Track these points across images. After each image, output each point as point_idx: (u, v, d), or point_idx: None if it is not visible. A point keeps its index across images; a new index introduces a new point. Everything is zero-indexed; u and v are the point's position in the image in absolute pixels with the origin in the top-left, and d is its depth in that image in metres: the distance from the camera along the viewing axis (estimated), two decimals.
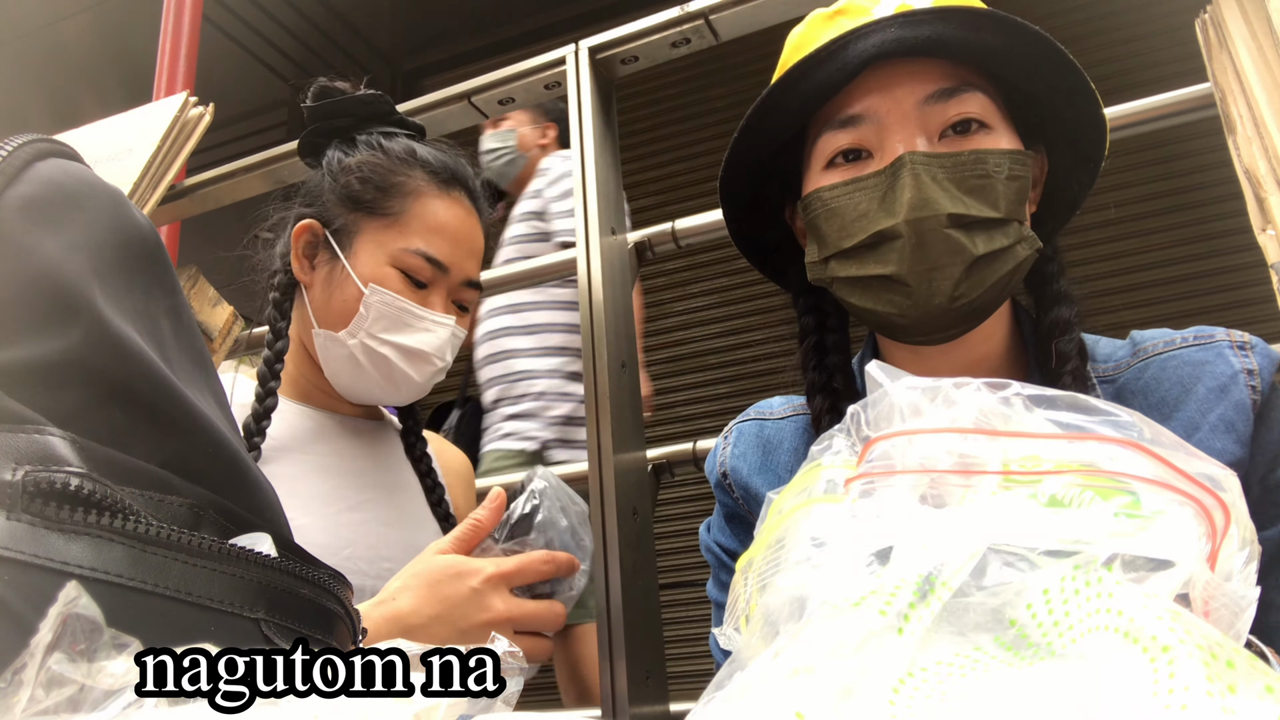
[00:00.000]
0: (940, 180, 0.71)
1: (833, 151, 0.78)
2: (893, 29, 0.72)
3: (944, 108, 0.74)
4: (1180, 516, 0.39)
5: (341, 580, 0.50)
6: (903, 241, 0.71)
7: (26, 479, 0.36)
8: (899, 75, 0.74)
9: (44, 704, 0.29)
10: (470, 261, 1.11)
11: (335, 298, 1.05)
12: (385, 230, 1.06)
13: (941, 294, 0.72)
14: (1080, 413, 0.44)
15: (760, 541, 0.50)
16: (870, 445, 0.47)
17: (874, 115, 0.75)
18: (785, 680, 0.35)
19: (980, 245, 0.72)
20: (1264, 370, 0.75)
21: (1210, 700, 0.29)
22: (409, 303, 1.04)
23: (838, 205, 0.76)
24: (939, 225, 0.70)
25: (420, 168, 1.09)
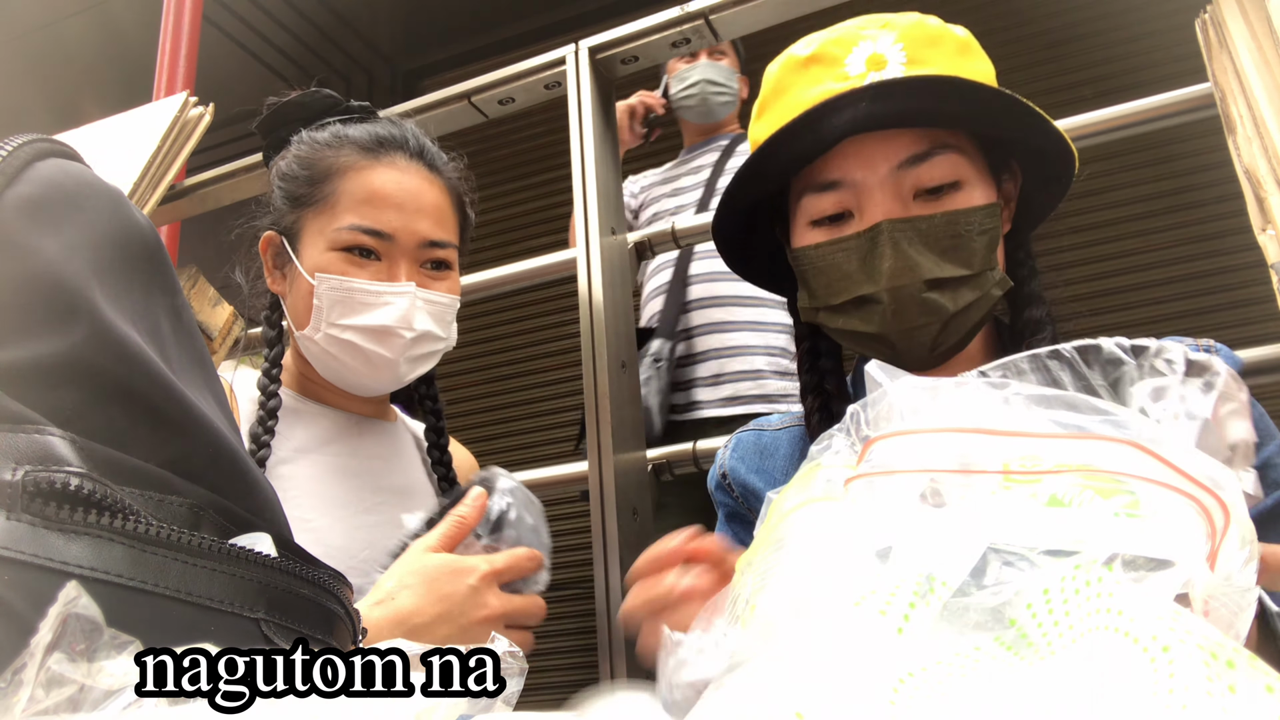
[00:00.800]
0: (916, 245, 0.77)
1: (816, 214, 0.83)
2: (864, 103, 0.76)
3: (917, 172, 0.79)
4: (1180, 516, 0.39)
5: (341, 580, 0.50)
6: (884, 307, 0.77)
7: (27, 479, 0.36)
8: (873, 143, 0.79)
9: (44, 704, 0.29)
10: (422, 220, 1.05)
11: (297, 298, 1.05)
12: (321, 217, 1.04)
13: (922, 348, 0.79)
14: (1080, 412, 0.44)
15: (760, 541, 0.50)
16: (870, 445, 0.47)
17: (851, 181, 0.80)
18: (785, 680, 0.35)
19: (956, 302, 0.78)
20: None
21: (1210, 700, 0.29)
22: (356, 280, 1.01)
23: (823, 264, 0.82)
24: (917, 291, 0.76)
25: (346, 146, 1.06)
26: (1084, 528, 0.39)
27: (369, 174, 1.04)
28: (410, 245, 1.04)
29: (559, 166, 1.24)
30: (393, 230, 1.02)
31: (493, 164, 3.70)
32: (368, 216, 1.02)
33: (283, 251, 1.07)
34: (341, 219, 1.02)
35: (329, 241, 1.02)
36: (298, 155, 1.07)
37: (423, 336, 1.04)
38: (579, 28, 2.37)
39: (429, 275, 1.07)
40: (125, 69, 3.41)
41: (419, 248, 1.05)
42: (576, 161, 1.37)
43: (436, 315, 1.06)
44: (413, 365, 1.07)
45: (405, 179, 1.05)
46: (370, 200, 1.03)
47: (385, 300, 1.01)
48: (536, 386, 3.57)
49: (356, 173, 1.04)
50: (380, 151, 1.06)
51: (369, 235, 1.01)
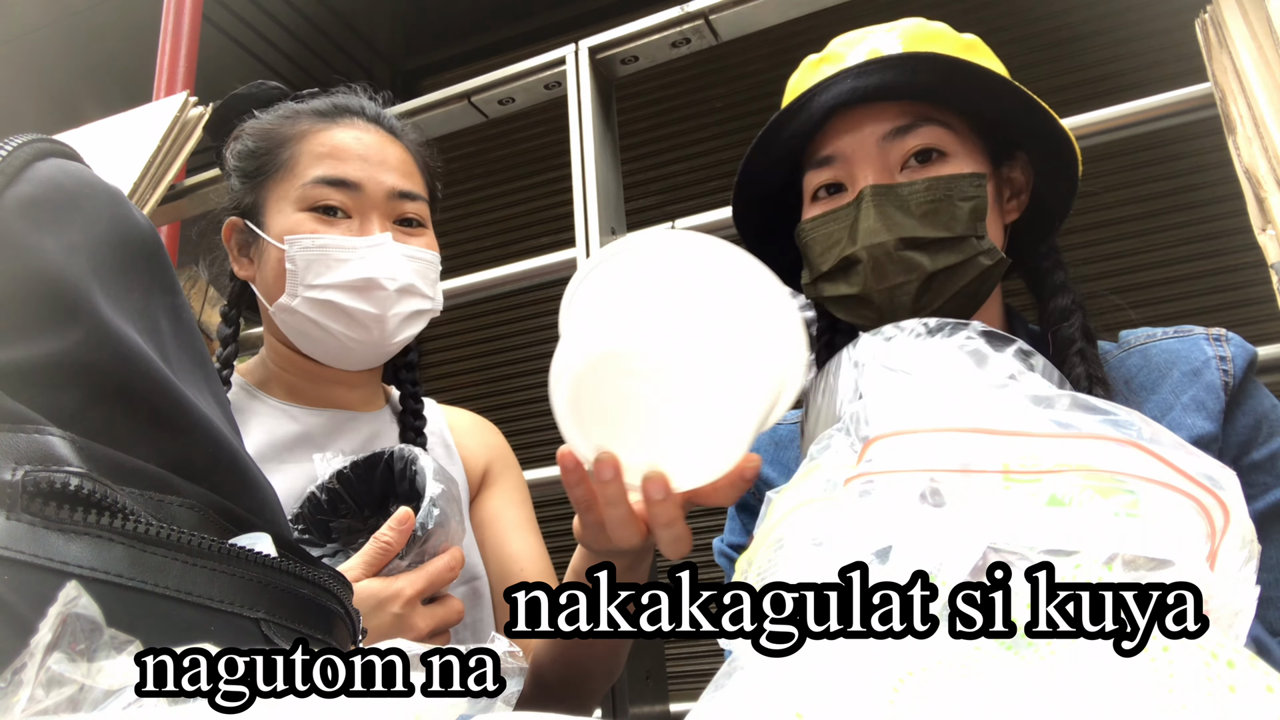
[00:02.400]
0: (897, 208, 0.81)
1: (815, 187, 0.88)
2: (848, 81, 0.83)
3: (901, 143, 0.84)
4: (1180, 516, 0.39)
5: (341, 580, 0.50)
6: (863, 265, 0.81)
7: (26, 479, 0.36)
8: (861, 118, 0.85)
9: (44, 703, 0.29)
10: (388, 173, 1.00)
11: (267, 271, 0.99)
12: (283, 182, 0.99)
13: (903, 308, 0.81)
14: (1080, 412, 0.44)
15: (760, 541, 0.50)
16: (869, 445, 0.47)
17: (842, 154, 0.86)
18: (785, 680, 0.35)
19: (935, 262, 0.81)
20: (1237, 358, 0.82)
21: (1210, 700, 0.29)
22: (328, 236, 0.96)
23: (818, 234, 0.87)
24: (891, 249, 0.80)
25: (302, 116, 1.03)
26: (1084, 528, 0.39)
27: (328, 133, 1.00)
28: (379, 196, 0.99)
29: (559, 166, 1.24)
30: (358, 179, 0.98)
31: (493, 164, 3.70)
32: (330, 168, 0.97)
33: (245, 231, 1.03)
34: (303, 176, 0.97)
35: (294, 202, 0.97)
36: (251, 132, 1.03)
37: (407, 290, 0.99)
38: (579, 28, 2.37)
39: (403, 231, 1.01)
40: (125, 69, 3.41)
41: (389, 199, 1.00)
42: (576, 161, 1.37)
43: (418, 271, 1.01)
44: (400, 325, 1.00)
45: (364, 136, 1.02)
46: (332, 153, 0.99)
47: (361, 254, 0.96)
48: (537, 386, 3.57)
49: (315, 134, 1.00)
50: (337, 115, 1.03)
51: (334, 186, 0.97)
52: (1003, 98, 0.84)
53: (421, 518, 0.83)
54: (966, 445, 0.43)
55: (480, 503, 1.15)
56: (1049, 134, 0.87)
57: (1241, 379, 0.81)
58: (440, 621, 0.85)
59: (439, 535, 0.85)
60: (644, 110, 3.74)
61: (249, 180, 1.02)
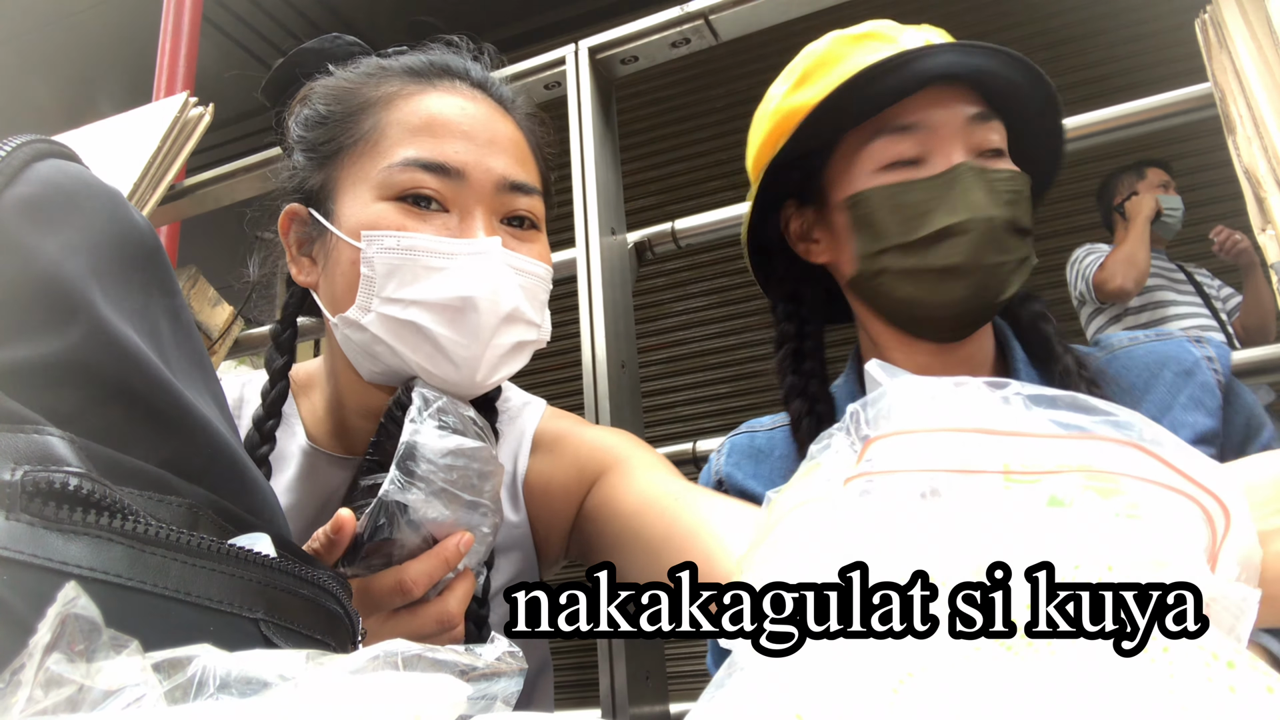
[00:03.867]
0: (993, 188, 0.81)
1: (892, 156, 0.85)
2: (953, 54, 0.82)
3: (983, 129, 0.84)
4: (1181, 517, 0.38)
5: (340, 581, 0.50)
6: (969, 238, 0.80)
7: (26, 479, 0.36)
8: (948, 95, 0.84)
9: (42, 704, 0.28)
10: (498, 155, 0.78)
11: (336, 275, 0.77)
12: (362, 159, 0.77)
13: (992, 289, 0.81)
14: (1080, 413, 0.44)
15: (758, 540, 0.50)
16: (869, 444, 0.47)
17: (929, 125, 0.84)
18: (784, 681, 0.35)
19: (1020, 250, 0.82)
20: (1222, 358, 0.84)
21: (1210, 701, 0.29)
22: (420, 236, 0.73)
23: (898, 202, 0.83)
24: (999, 225, 0.80)
25: (390, 75, 0.81)
26: (1084, 528, 0.38)
27: (423, 99, 0.78)
28: (487, 186, 0.77)
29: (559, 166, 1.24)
30: (463, 165, 0.75)
31: None
32: (426, 147, 0.75)
33: (309, 223, 0.80)
34: (390, 155, 0.75)
35: (377, 188, 0.75)
36: (323, 94, 0.81)
37: (512, 317, 0.76)
38: (579, 28, 2.37)
39: (513, 234, 0.79)
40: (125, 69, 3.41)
41: (498, 191, 0.77)
42: (576, 161, 1.37)
43: (528, 289, 0.78)
44: (500, 360, 0.77)
45: (471, 106, 0.79)
46: (428, 127, 0.76)
47: (460, 264, 0.73)
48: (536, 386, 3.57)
49: (405, 100, 0.78)
50: (435, 77, 0.81)
51: (430, 171, 0.74)
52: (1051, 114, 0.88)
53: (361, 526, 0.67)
54: (966, 445, 0.43)
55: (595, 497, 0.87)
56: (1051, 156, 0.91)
57: (1229, 378, 0.83)
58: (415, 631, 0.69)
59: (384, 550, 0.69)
60: (644, 110, 3.74)
61: (317, 156, 0.80)
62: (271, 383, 0.82)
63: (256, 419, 0.81)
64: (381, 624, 0.69)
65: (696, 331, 3.80)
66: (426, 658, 0.39)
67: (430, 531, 0.69)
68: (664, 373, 3.71)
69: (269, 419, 0.81)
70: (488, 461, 0.71)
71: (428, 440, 0.68)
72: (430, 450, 0.68)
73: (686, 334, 3.81)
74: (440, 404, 0.71)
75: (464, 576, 0.72)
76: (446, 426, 0.70)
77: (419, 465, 0.67)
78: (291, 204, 0.81)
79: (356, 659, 0.36)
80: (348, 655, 0.36)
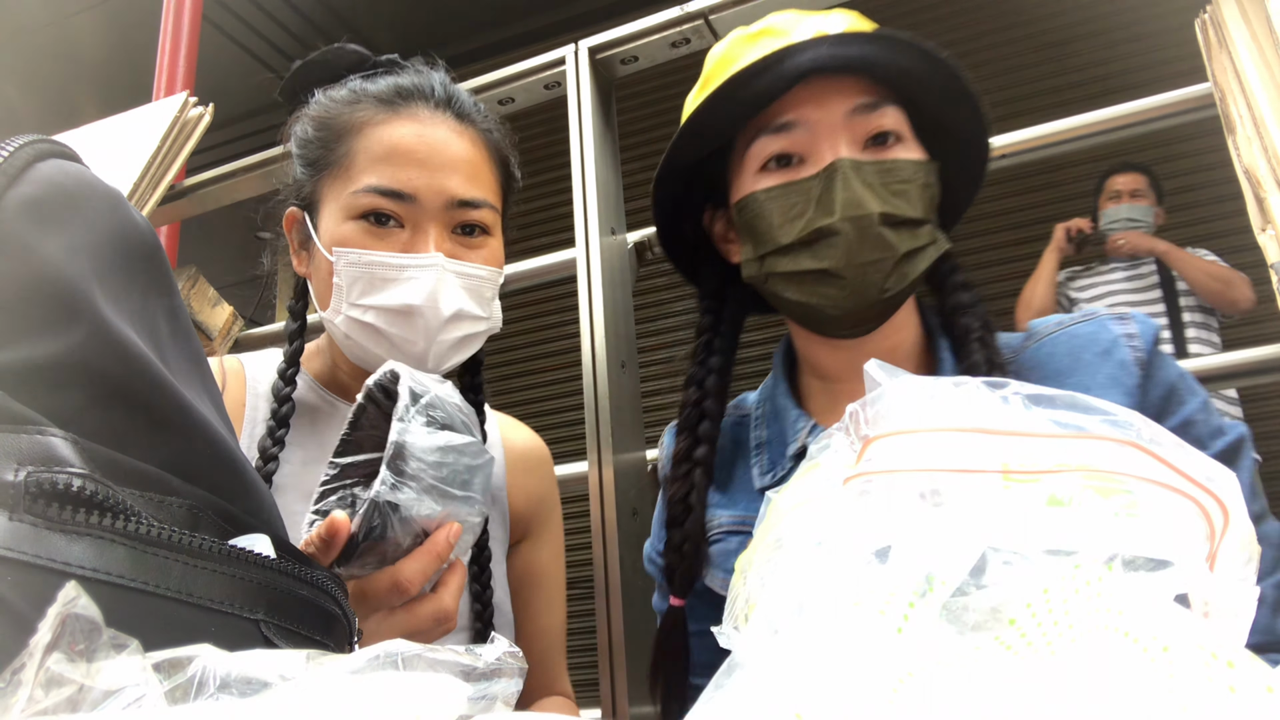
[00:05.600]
0: (870, 183, 0.79)
1: (766, 156, 0.84)
2: (825, 48, 0.80)
3: (867, 120, 0.82)
4: (1180, 516, 0.39)
5: (338, 581, 0.50)
6: (840, 238, 0.78)
7: (29, 480, 0.36)
8: (828, 89, 0.82)
9: (43, 704, 0.28)
10: (449, 176, 0.90)
11: (319, 278, 0.93)
12: (337, 183, 0.91)
13: (873, 286, 0.79)
14: (1079, 412, 0.44)
15: (759, 541, 0.50)
16: (869, 444, 0.47)
17: (806, 123, 0.82)
18: (784, 681, 0.35)
19: (905, 243, 0.80)
20: (1144, 334, 0.83)
21: (1210, 700, 0.29)
22: (374, 253, 0.88)
23: (775, 205, 0.83)
24: (873, 223, 0.78)
25: (364, 101, 0.94)
26: (1083, 528, 0.39)
27: (386, 129, 0.91)
28: (436, 206, 0.90)
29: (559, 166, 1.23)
30: (414, 189, 0.89)
31: None
32: (385, 175, 0.89)
33: (304, 227, 0.95)
34: (357, 181, 0.89)
35: (345, 210, 0.89)
36: (312, 116, 0.96)
37: (455, 317, 0.90)
38: (579, 28, 2.37)
39: (461, 243, 0.93)
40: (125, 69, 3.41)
41: (447, 209, 0.90)
42: (576, 162, 1.37)
43: (472, 290, 0.92)
44: (447, 352, 0.93)
45: (428, 130, 0.92)
46: (388, 157, 0.89)
47: (409, 275, 0.88)
48: (536, 386, 3.57)
49: (373, 128, 0.91)
50: (399, 104, 0.93)
51: (387, 197, 0.88)
52: (960, 95, 0.84)
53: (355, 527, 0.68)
54: (966, 445, 0.43)
55: (518, 553, 1.08)
56: (975, 137, 0.87)
57: (1150, 352, 0.81)
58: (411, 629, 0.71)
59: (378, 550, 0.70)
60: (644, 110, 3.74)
61: (309, 170, 0.95)
62: (289, 340, 0.99)
63: (280, 369, 0.96)
64: (380, 624, 0.71)
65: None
66: (426, 658, 0.39)
67: (423, 527, 0.71)
68: (664, 373, 3.71)
69: (290, 366, 0.96)
70: (476, 455, 0.73)
71: (417, 439, 0.69)
72: (419, 449, 0.69)
73: (686, 334, 3.81)
74: (428, 399, 0.72)
75: (455, 569, 0.76)
76: (434, 421, 0.72)
77: (409, 464, 0.68)
78: (293, 207, 0.97)
79: (356, 659, 0.36)
80: (347, 655, 0.36)
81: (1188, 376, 0.82)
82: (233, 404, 0.97)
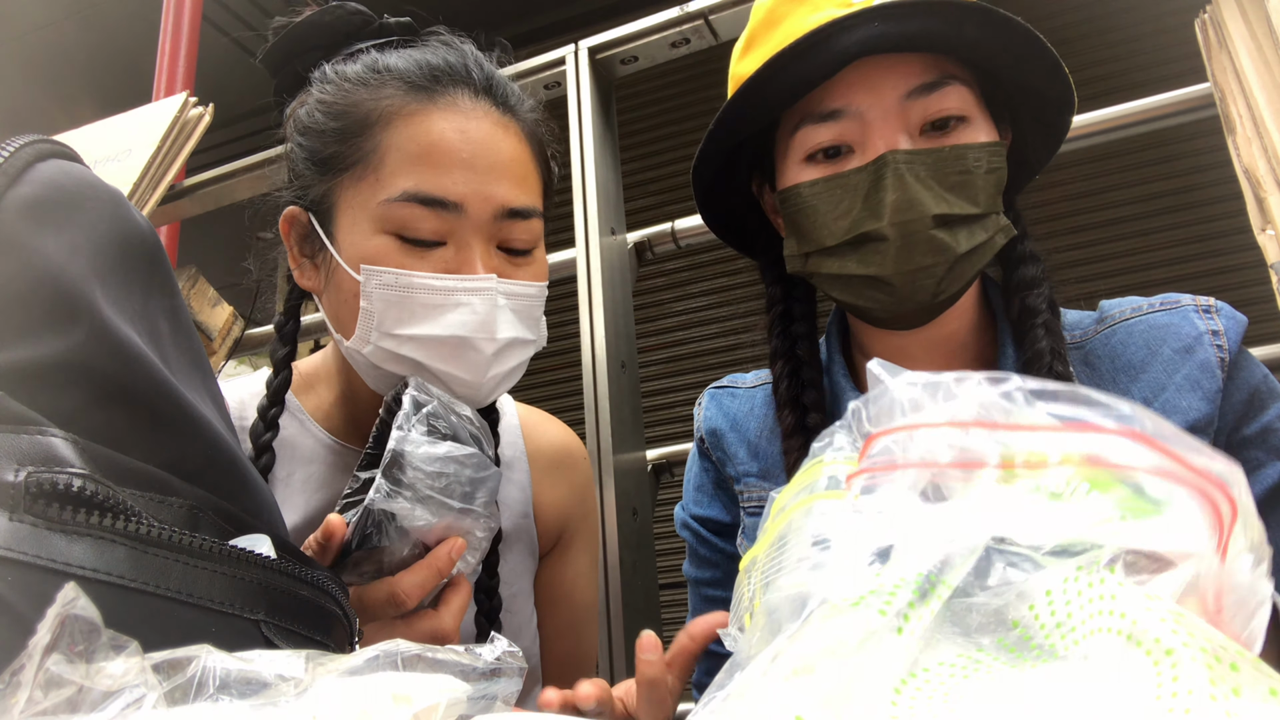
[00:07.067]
0: (923, 179, 0.71)
1: (813, 146, 0.76)
2: (876, 23, 0.70)
3: (925, 103, 0.73)
4: (1186, 506, 0.38)
5: (337, 581, 0.50)
6: (888, 244, 0.71)
7: (29, 480, 0.36)
8: (880, 70, 0.73)
9: (42, 705, 0.28)
10: (498, 181, 0.77)
11: (338, 299, 0.78)
12: (361, 184, 0.76)
13: (925, 292, 0.73)
14: (1082, 406, 0.43)
15: (763, 540, 0.50)
16: (871, 440, 0.47)
17: (856, 110, 0.74)
18: (785, 682, 0.35)
19: (963, 243, 0.72)
20: (1230, 331, 0.76)
21: (1214, 704, 0.29)
22: (417, 275, 0.74)
23: (819, 203, 0.75)
24: (924, 227, 0.71)
25: (389, 83, 0.78)
26: (1088, 520, 0.38)
27: (424, 121, 0.76)
28: (485, 217, 0.76)
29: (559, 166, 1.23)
30: (461, 197, 0.75)
31: None
32: (428, 180, 0.74)
33: (312, 234, 0.80)
34: (393, 186, 0.74)
35: (375, 221, 0.75)
36: (321, 100, 0.80)
37: (509, 345, 0.78)
38: (579, 28, 2.37)
39: (510, 260, 0.79)
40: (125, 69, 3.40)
41: (495, 219, 0.77)
42: (576, 161, 1.37)
43: (523, 311, 0.79)
44: (497, 384, 0.80)
45: (472, 126, 0.77)
46: (429, 156, 0.75)
47: (458, 300, 0.75)
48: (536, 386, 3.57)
49: (405, 121, 0.76)
50: (435, 89, 0.78)
51: (431, 207, 0.74)
52: (1036, 57, 0.74)
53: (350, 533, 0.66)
54: (968, 439, 0.43)
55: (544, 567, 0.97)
56: (1056, 96, 0.77)
57: (1236, 354, 0.75)
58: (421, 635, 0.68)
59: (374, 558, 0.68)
60: (644, 110, 3.74)
61: (319, 168, 0.79)
62: (275, 372, 0.84)
63: (261, 407, 0.82)
64: (375, 633, 0.68)
65: (696, 331, 3.80)
66: (426, 658, 0.39)
67: (420, 538, 0.68)
68: (664, 373, 3.71)
69: (272, 406, 0.82)
70: (480, 467, 0.70)
71: (414, 447, 0.67)
72: (417, 457, 0.66)
73: (686, 334, 3.81)
74: (431, 407, 0.69)
75: (458, 587, 0.72)
76: (436, 431, 0.69)
77: (405, 473, 0.66)
78: (292, 207, 0.81)
79: (356, 659, 0.36)
80: (347, 655, 0.36)
81: (1270, 378, 0.76)
82: None
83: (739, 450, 0.91)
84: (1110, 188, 3.09)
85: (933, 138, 0.74)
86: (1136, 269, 3.13)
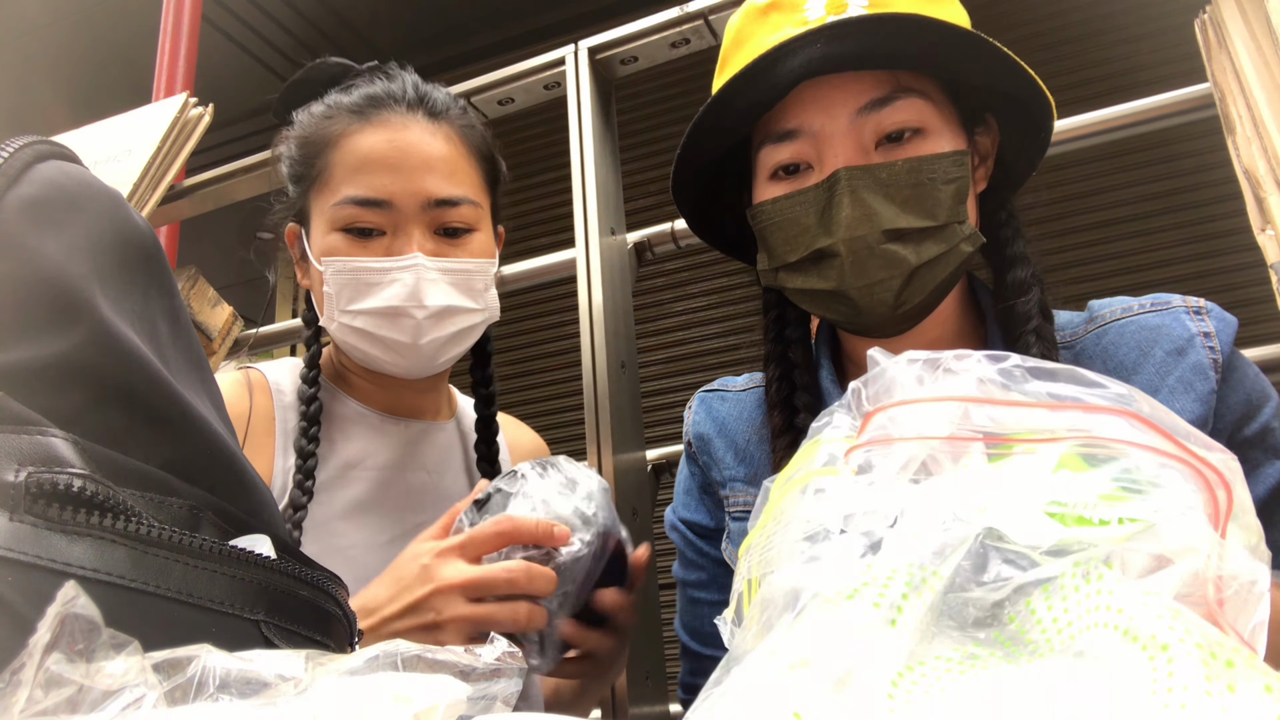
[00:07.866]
0: (876, 194, 0.73)
1: (773, 165, 0.79)
2: (819, 44, 0.71)
3: (879, 117, 0.74)
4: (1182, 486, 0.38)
5: (337, 581, 0.50)
6: (841, 260, 0.73)
7: (30, 480, 0.36)
8: (831, 88, 0.75)
9: (42, 704, 0.28)
10: (425, 177, 0.93)
11: (315, 288, 0.98)
12: (321, 194, 0.95)
13: (884, 304, 0.74)
14: (1078, 385, 0.44)
15: (760, 526, 0.50)
16: (870, 417, 0.47)
17: (810, 130, 0.76)
18: (781, 677, 0.35)
19: (919, 255, 0.73)
20: (1221, 333, 0.76)
21: (1209, 700, 0.29)
22: (357, 260, 0.92)
23: (780, 219, 0.78)
24: (875, 242, 0.72)
25: (338, 114, 0.97)
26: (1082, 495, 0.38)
27: (360, 138, 0.94)
28: (414, 208, 0.93)
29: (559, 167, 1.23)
30: (389, 195, 0.92)
31: None
32: (361, 185, 0.92)
33: (301, 241, 1.00)
34: (337, 193, 0.93)
35: (330, 221, 0.94)
36: (294, 135, 1.00)
37: (444, 312, 0.94)
38: (579, 28, 2.37)
39: (449, 241, 0.96)
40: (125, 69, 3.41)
41: (425, 209, 0.94)
42: (576, 162, 1.37)
43: (460, 284, 0.95)
44: (441, 347, 0.96)
45: (399, 135, 0.94)
46: (363, 166, 0.93)
47: (391, 277, 0.92)
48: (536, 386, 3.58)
49: (346, 140, 0.94)
50: (370, 111, 0.96)
51: (364, 206, 0.92)
52: (987, 62, 0.75)
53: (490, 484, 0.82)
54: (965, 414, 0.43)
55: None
56: (1027, 95, 0.78)
57: (1229, 353, 0.76)
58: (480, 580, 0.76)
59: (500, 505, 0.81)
60: (644, 110, 3.74)
61: (297, 187, 0.99)
62: (308, 345, 1.04)
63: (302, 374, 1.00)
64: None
65: (696, 331, 3.80)
66: (426, 658, 0.39)
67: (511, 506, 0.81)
68: (664, 373, 3.71)
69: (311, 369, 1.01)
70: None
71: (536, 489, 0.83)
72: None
73: (686, 334, 3.81)
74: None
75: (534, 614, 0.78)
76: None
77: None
78: (291, 223, 1.02)
79: (356, 659, 0.36)
80: (347, 655, 0.36)
81: (1262, 378, 0.77)
82: (263, 415, 0.99)
83: (726, 455, 0.92)
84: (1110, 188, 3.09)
85: (888, 150, 0.75)
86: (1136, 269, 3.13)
